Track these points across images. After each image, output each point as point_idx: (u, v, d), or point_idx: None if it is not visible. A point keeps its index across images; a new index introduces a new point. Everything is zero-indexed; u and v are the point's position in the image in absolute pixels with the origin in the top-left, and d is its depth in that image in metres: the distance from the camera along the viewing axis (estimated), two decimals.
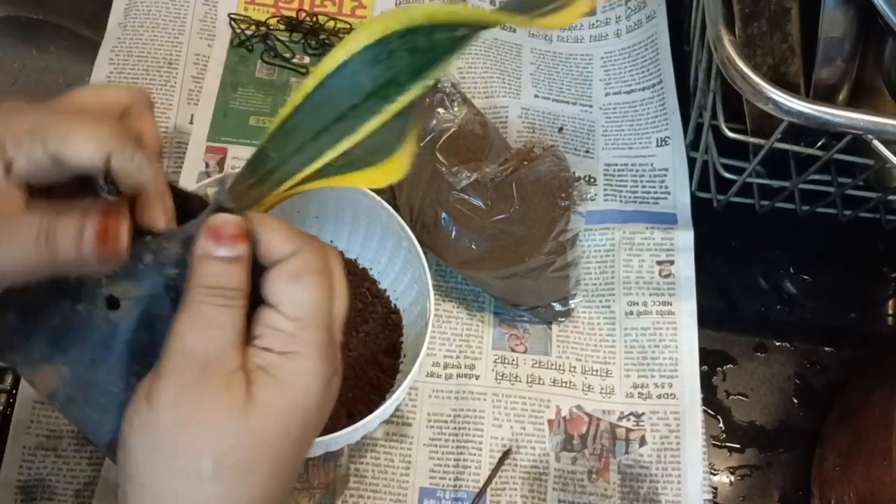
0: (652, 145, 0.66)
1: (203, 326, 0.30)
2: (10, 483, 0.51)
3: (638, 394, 0.57)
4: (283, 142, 0.34)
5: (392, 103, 0.33)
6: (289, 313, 0.30)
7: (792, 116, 0.47)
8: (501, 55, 0.70)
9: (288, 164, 0.34)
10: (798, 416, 0.59)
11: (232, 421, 0.28)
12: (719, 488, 0.56)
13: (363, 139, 0.34)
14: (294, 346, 0.30)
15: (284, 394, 0.29)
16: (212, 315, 0.30)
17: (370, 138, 0.34)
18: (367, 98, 0.33)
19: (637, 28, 0.71)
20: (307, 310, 0.30)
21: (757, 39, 0.51)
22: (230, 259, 0.30)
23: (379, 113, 0.33)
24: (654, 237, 0.62)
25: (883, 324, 0.63)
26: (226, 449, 0.28)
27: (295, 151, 0.34)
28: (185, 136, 0.63)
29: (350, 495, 0.53)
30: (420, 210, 0.56)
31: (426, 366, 0.57)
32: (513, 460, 0.55)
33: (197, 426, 0.28)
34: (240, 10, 0.69)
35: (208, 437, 0.28)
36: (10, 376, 0.54)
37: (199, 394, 0.29)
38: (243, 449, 0.29)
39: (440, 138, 0.57)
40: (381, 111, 0.33)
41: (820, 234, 0.64)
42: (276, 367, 0.30)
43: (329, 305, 0.31)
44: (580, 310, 0.60)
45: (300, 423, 0.30)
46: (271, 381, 0.29)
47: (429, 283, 0.51)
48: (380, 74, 0.32)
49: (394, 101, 0.33)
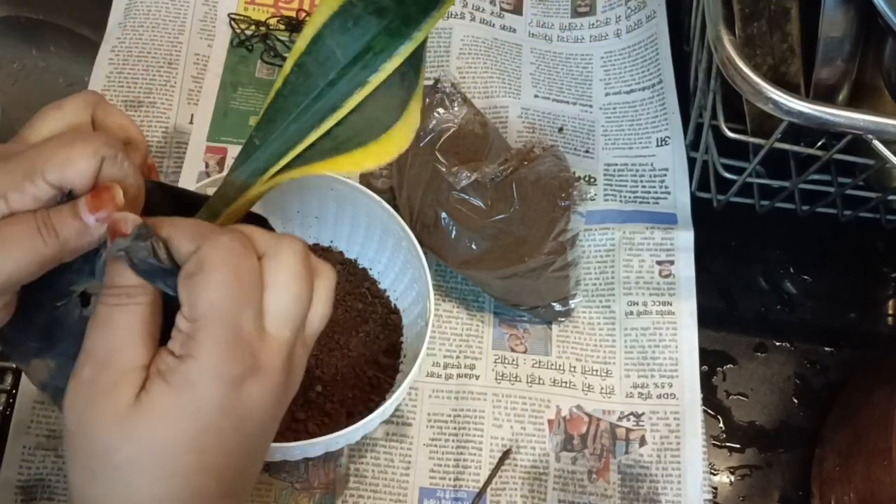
0: (652, 145, 0.66)
1: (101, 326, 0.30)
2: (10, 483, 0.51)
3: (638, 394, 0.57)
4: (267, 129, 0.33)
5: (376, 72, 0.32)
6: (186, 314, 0.29)
7: (792, 116, 0.47)
8: (501, 55, 0.70)
9: (270, 150, 0.33)
10: (798, 416, 0.59)
11: (116, 420, 0.29)
12: (719, 488, 0.56)
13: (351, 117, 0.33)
14: (189, 349, 0.29)
15: (172, 397, 0.29)
16: (109, 314, 0.30)
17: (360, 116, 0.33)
18: (343, 71, 0.32)
19: (637, 28, 0.71)
20: (203, 309, 0.29)
21: (757, 39, 0.51)
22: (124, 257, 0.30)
23: (362, 85, 0.32)
24: (654, 237, 0.62)
25: (883, 324, 0.63)
26: (111, 448, 0.29)
27: (277, 137, 0.33)
28: (185, 136, 0.63)
29: (350, 495, 0.53)
30: (420, 210, 0.56)
31: (426, 366, 0.57)
32: (513, 460, 0.55)
33: (88, 425, 0.29)
34: (240, 10, 0.69)
35: (95, 437, 0.29)
36: (10, 376, 0.54)
37: (92, 394, 0.29)
38: (127, 449, 0.28)
39: (440, 138, 0.57)
40: (364, 83, 0.32)
41: (820, 234, 0.64)
42: (171, 372, 0.29)
43: (234, 301, 0.29)
44: (580, 310, 0.60)
45: (196, 428, 0.29)
46: (163, 385, 0.29)
47: (429, 283, 0.51)
48: (351, 43, 0.31)
49: (378, 70, 0.32)
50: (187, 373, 0.29)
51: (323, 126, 0.33)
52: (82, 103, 0.35)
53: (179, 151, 0.63)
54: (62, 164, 0.30)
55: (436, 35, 0.70)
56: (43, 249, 0.30)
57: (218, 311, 0.29)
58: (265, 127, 0.34)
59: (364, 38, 0.31)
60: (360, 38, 0.32)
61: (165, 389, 0.29)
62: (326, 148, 0.33)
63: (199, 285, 0.29)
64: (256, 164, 0.34)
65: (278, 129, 0.33)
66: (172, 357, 0.29)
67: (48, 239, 0.30)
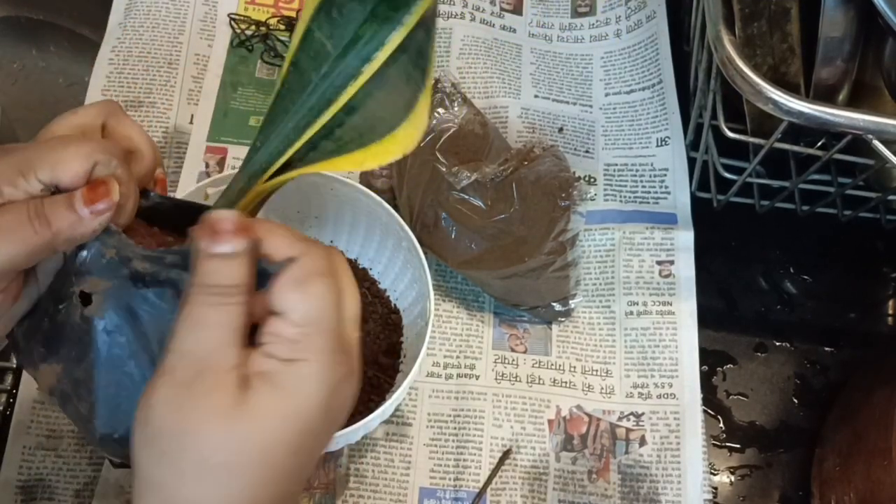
0: (652, 145, 0.66)
1: (197, 325, 0.29)
2: (10, 483, 0.51)
3: (638, 394, 0.57)
4: (267, 131, 0.33)
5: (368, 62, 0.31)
6: (294, 320, 0.30)
7: (792, 116, 0.47)
8: (501, 55, 0.70)
9: (269, 151, 0.33)
10: (798, 416, 0.59)
11: (218, 421, 0.28)
12: (719, 488, 0.56)
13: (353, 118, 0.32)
14: (298, 354, 0.30)
15: (281, 400, 0.29)
16: (206, 314, 0.30)
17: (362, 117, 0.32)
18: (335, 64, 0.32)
19: (637, 28, 0.71)
20: (312, 316, 0.30)
21: (757, 39, 0.51)
22: (226, 255, 0.30)
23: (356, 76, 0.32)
24: (654, 237, 0.62)
25: (883, 324, 0.63)
26: (210, 449, 0.28)
27: (275, 137, 0.33)
28: (185, 136, 0.63)
29: (350, 495, 0.53)
30: (420, 210, 0.56)
31: (426, 366, 0.57)
32: (513, 460, 0.55)
33: (185, 425, 0.28)
34: (240, 10, 0.69)
35: (194, 437, 0.28)
36: (10, 376, 0.54)
37: (190, 393, 0.28)
38: (229, 451, 0.28)
39: (440, 138, 0.57)
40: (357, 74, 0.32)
41: (820, 234, 0.64)
42: (278, 374, 0.29)
43: (336, 310, 0.31)
44: (580, 310, 0.60)
45: (298, 430, 0.30)
46: (269, 387, 0.29)
47: (429, 283, 0.51)
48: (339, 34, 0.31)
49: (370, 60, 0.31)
50: (298, 375, 0.29)
51: (319, 121, 0.33)
52: (97, 110, 0.36)
53: (179, 151, 0.63)
54: (54, 164, 0.31)
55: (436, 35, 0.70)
56: (33, 238, 0.30)
57: (327, 317, 0.30)
58: (266, 129, 0.34)
59: (351, 27, 0.31)
60: (347, 27, 0.31)
61: (272, 392, 0.29)
62: (329, 149, 0.33)
63: (313, 292, 0.30)
64: (255, 166, 0.34)
65: (277, 129, 0.33)
66: (275, 360, 0.29)
67: (39, 228, 0.30)
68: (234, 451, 0.28)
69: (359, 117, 0.33)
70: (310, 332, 0.30)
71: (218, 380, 0.29)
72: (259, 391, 0.29)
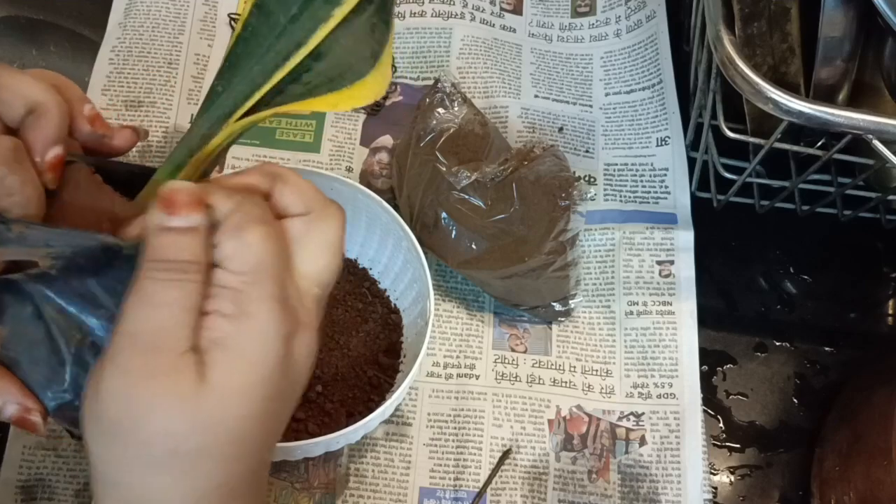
0: (652, 145, 0.66)
1: (148, 304, 0.28)
2: (10, 483, 0.51)
3: (638, 394, 0.57)
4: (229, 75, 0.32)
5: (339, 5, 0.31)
6: (232, 269, 0.28)
7: (792, 116, 0.47)
8: (501, 55, 0.70)
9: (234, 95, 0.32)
10: (798, 416, 0.59)
11: (182, 407, 0.27)
12: (719, 488, 0.56)
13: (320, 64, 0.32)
14: (242, 305, 0.28)
15: (239, 368, 0.28)
16: (158, 291, 0.28)
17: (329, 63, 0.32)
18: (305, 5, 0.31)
19: (637, 28, 0.71)
20: (251, 262, 0.28)
21: (757, 39, 0.51)
22: (183, 229, 0.28)
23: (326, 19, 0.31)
24: (654, 237, 0.62)
25: (883, 324, 0.63)
26: (178, 437, 0.27)
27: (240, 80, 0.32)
28: None
29: (350, 495, 0.53)
30: (420, 210, 0.56)
31: (426, 366, 0.57)
32: (513, 460, 0.55)
33: (146, 415, 0.27)
34: (240, 10, 0.69)
35: (158, 426, 0.27)
36: None
37: (145, 381, 0.27)
38: (198, 435, 0.27)
39: (440, 138, 0.57)
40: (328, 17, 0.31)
41: (820, 234, 0.64)
42: (228, 338, 0.28)
43: (277, 258, 0.29)
44: (580, 310, 0.60)
45: (262, 397, 0.28)
46: (223, 355, 0.28)
47: (429, 283, 0.51)
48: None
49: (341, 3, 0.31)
50: (248, 336, 0.28)
51: (288, 64, 0.32)
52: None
53: None
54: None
55: (436, 35, 0.70)
56: None
57: (268, 264, 0.29)
58: (227, 73, 0.33)
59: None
60: None
61: (228, 361, 0.28)
62: (297, 93, 0.33)
63: (249, 238, 0.28)
64: (220, 110, 0.33)
65: (241, 73, 0.32)
66: (224, 320, 0.28)
67: None
68: (203, 434, 0.27)
69: (326, 63, 0.32)
70: (249, 281, 0.28)
71: (175, 362, 0.27)
72: (216, 365, 0.27)
